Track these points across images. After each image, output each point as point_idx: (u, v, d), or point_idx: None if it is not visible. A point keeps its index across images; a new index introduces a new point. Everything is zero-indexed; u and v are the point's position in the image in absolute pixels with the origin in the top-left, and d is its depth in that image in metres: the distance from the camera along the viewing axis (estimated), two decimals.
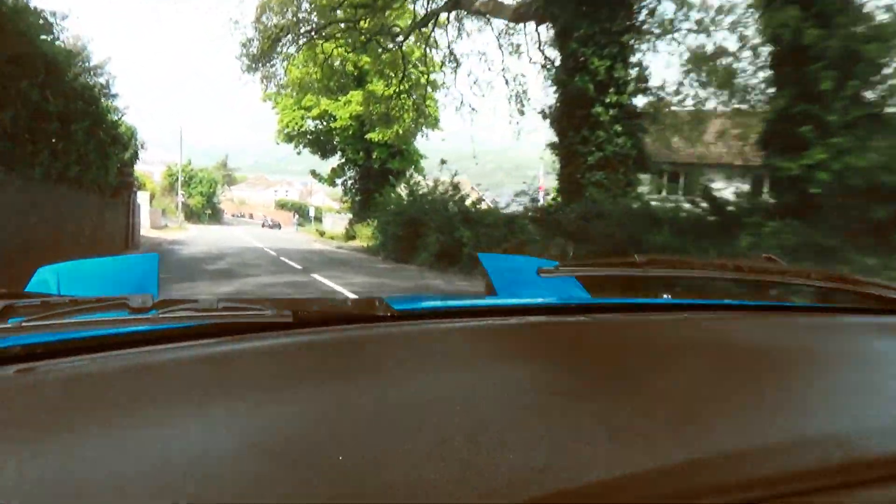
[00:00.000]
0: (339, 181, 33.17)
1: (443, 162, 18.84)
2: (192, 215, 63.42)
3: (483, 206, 15.83)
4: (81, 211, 11.92)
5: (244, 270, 12.25)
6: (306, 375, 0.61)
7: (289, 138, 32.34)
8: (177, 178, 57.12)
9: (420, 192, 17.16)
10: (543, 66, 17.02)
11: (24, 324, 0.59)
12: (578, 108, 12.67)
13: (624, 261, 0.99)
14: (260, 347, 0.65)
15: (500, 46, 19.49)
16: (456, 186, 16.17)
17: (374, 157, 29.40)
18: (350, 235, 30.25)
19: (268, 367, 0.61)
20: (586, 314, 0.89)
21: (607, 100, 12.41)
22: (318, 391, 0.57)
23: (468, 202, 15.64)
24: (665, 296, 1.14)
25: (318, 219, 68.53)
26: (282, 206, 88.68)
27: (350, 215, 33.42)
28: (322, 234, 42.49)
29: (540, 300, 1.03)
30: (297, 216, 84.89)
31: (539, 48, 17.60)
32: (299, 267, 13.86)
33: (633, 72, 12.77)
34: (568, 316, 0.89)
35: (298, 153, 33.22)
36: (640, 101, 13.16)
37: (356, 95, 27.53)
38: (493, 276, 1.27)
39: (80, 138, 10.95)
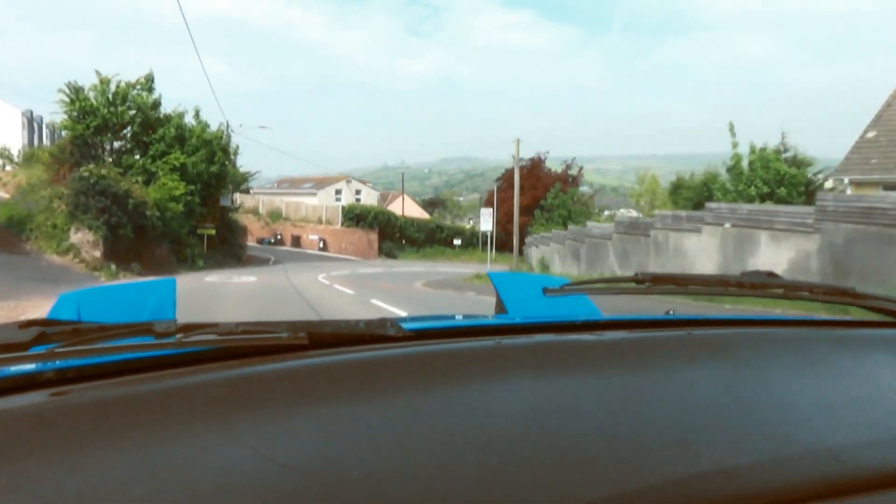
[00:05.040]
0: None
1: None
2: (147, 246, 18.64)
3: None
4: None
5: None
6: (322, 396, 0.63)
7: None
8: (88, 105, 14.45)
9: None
10: None
11: (56, 350, 0.62)
12: None
13: (628, 279, 1.05)
14: (278, 370, 0.68)
15: None
16: None
17: None
18: None
19: (287, 388, 0.64)
20: (592, 332, 0.90)
21: None
22: (334, 411, 0.60)
23: None
24: (669, 311, 1.13)
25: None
26: (357, 218, 44.97)
27: None
28: None
29: (546, 318, 1.04)
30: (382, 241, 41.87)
31: None
32: None
33: None
34: (574, 334, 0.90)
35: None
36: None
37: None
38: (503, 294, 1.32)
39: None
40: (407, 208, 53.67)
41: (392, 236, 46.63)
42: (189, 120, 25.53)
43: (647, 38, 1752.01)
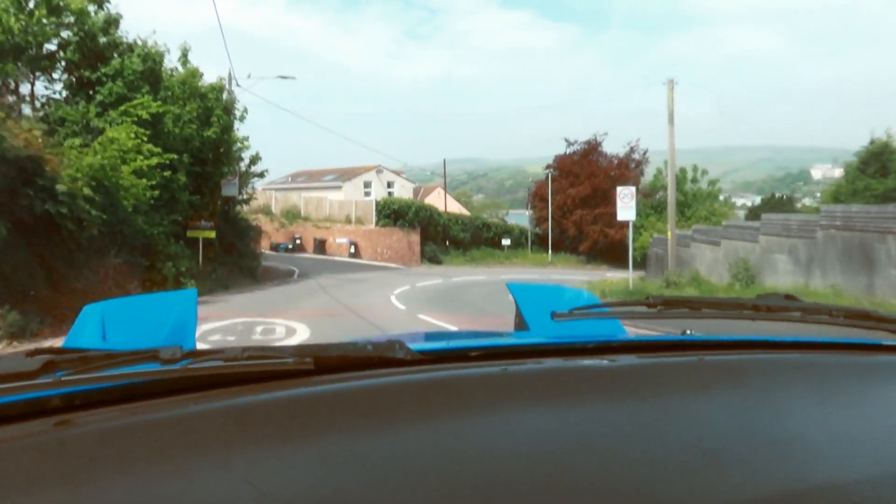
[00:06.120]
0: None
1: None
2: (64, 260, 8.48)
3: None
4: None
5: None
6: (325, 427, 0.63)
7: None
8: None
9: None
10: None
11: (63, 378, 0.63)
12: None
13: (639, 302, 1.05)
14: (281, 398, 0.67)
15: None
16: None
17: None
18: None
19: (288, 418, 0.64)
20: (603, 355, 0.88)
21: None
22: (335, 443, 0.60)
23: None
24: (688, 331, 1.12)
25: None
26: (394, 216, 35.82)
27: None
28: None
29: (558, 339, 1.05)
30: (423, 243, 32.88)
31: None
32: None
33: None
34: (584, 358, 0.88)
35: None
36: None
37: None
38: (523, 308, 1.29)
39: None
40: (443, 203, 44.40)
41: (434, 237, 37.45)
42: (174, 65, 16.43)
43: (647, 34, 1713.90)
